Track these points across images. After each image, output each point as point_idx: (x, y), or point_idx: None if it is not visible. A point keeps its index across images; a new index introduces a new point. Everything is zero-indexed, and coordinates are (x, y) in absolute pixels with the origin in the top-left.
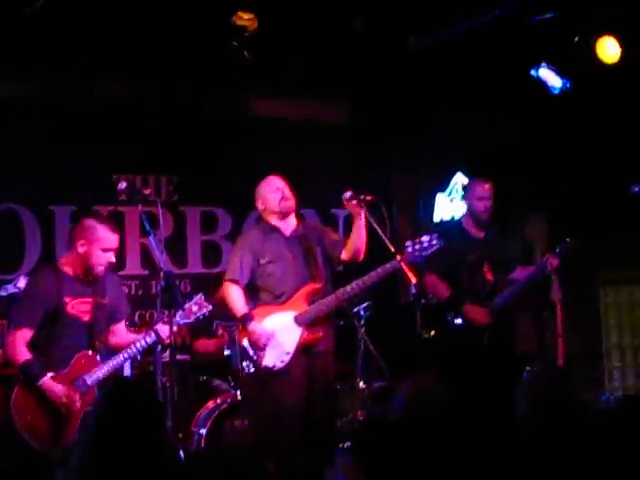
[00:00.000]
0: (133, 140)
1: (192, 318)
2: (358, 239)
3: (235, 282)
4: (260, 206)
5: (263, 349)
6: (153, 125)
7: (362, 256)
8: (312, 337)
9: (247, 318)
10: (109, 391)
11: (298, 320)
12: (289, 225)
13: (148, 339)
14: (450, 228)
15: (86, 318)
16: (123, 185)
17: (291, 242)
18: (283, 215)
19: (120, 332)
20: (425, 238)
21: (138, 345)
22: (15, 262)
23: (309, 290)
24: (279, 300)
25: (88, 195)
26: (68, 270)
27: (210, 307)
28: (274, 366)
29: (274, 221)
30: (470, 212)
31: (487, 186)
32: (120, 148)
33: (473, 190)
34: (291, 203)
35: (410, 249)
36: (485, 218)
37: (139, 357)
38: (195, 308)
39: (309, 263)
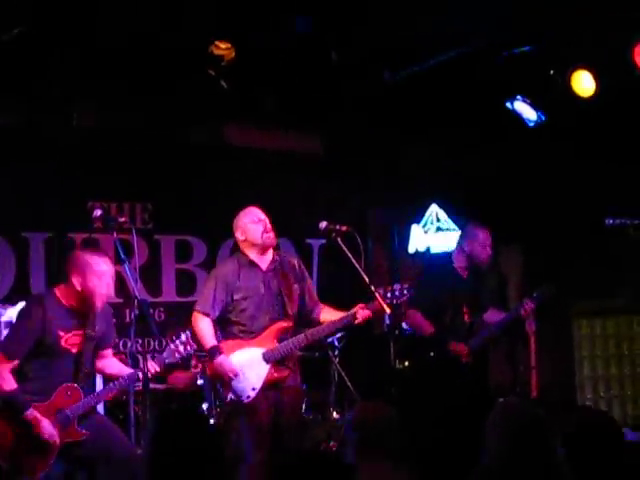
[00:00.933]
0: (109, 168)
1: (177, 357)
2: (337, 324)
3: (206, 314)
4: (240, 236)
5: (228, 384)
6: (129, 153)
7: None
8: (279, 375)
9: (215, 351)
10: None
11: (266, 357)
12: (266, 258)
13: (131, 378)
14: (441, 265)
15: (74, 350)
16: (98, 212)
17: (267, 277)
18: (264, 249)
19: (107, 357)
20: (397, 287)
21: (122, 383)
22: None
23: (279, 328)
24: (250, 334)
25: (63, 222)
26: (65, 302)
27: (195, 346)
28: (240, 401)
29: (252, 255)
30: (469, 256)
31: (489, 234)
32: (95, 176)
33: (476, 236)
34: (273, 236)
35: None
36: (484, 265)
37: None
38: (181, 348)
39: (282, 299)
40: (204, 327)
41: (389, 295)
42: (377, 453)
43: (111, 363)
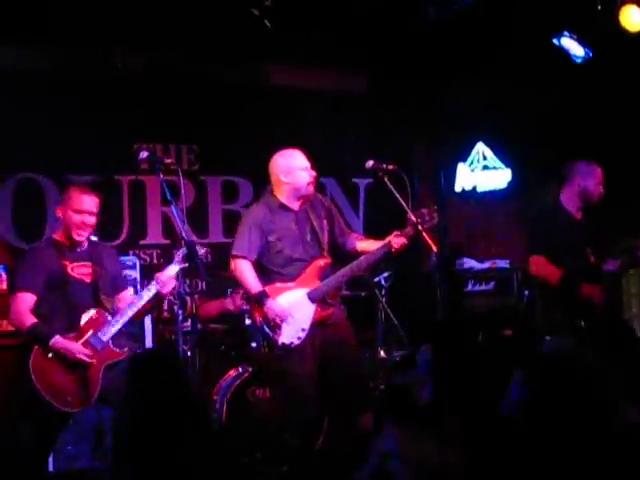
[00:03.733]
0: (154, 109)
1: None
2: (376, 254)
3: (244, 257)
4: (284, 178)
5: (279, 327)
6: (174, 94)
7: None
8: (325, 313)
9: (263, 295)
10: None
11: (311, 296)
12: (297, 201)
13: (150, 288)
14: (551, 209)
15: (88, 280)
16: (144, 154)
17: (299, 216)
18: (300, 197)
19: (127, 298)
20: (424, 210)
21: (143, 295)
22: (37, 230)
23: (320, 266)
24: (289, 277)
25: (109, 164)
26: (59, 239)
27: (205, 249)
28: (291, 343)
29: (283, 199)
30: (582, 194)
31: (602, 171)
32: (141, 117)
33: (591, 173)
34: (313, 188)
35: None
36: (597, 202)
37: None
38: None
39: (317, 237)
40: (246, 271)
41: (419, 220)
42: None
43: (128, 299)
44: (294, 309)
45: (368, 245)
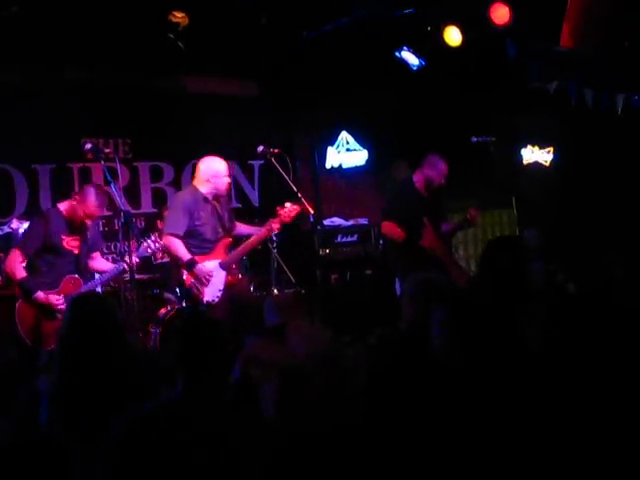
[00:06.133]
0: (96, 111)
1: (149, 252)
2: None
3: (176, 236)
4: (210, 179)
5: (207, 286)
6: (112, 99)
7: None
8: (233, 278)
9: (193, 262)
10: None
11: (222, 266)
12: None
13: (118, 269)
14: (404, 186)
15: (76, 251)
16: (88, 146)
17: (213, 206)
18: (219, 196)
19: (97, 258)
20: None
21: (111, 274)
22: (8, 209)
23: (226, 243)
24: (205, 251)
25: (63, 155)
26: (65, 214)
27: (162, 243)
28: (213, 300)
29: (207, 194)
30: (428, 180)
31: (446, 165)
32: (86, 117)
33: (438, 166)
34: (227, 191)
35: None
36: (437, 187)
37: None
38: (151, 245)
39: (224, 224)
40: (178, 245)
41: (283, 212)
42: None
43: (99, 262)
44: (213, 274)
45: (250, 229)
